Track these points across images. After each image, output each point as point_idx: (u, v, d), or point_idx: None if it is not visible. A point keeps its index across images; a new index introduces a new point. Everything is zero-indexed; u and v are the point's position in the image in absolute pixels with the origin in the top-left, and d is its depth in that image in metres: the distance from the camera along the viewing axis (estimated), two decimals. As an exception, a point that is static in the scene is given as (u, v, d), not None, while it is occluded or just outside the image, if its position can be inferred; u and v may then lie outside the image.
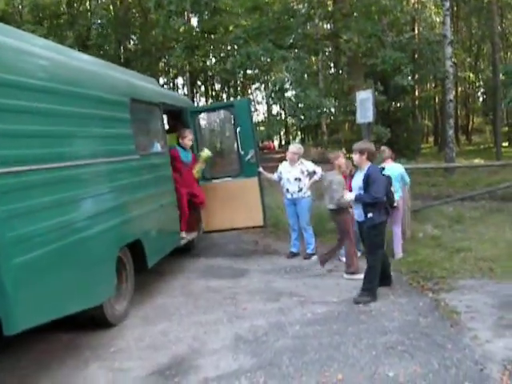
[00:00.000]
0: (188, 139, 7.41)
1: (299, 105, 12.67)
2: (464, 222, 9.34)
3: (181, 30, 16.40)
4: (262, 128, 22.67)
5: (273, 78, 13.88)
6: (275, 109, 48.85)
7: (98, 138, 4.98)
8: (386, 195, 5.55)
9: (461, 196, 10.80)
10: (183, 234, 7.50)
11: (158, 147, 6.74)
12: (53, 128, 4.18)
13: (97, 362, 4.39)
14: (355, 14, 15.01)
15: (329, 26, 18.05)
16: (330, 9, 16.88)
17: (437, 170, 14.98)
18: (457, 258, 7.01)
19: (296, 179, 7.48)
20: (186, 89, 38.22)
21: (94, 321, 5.06)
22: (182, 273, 7.20)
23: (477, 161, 21.63)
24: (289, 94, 12.75)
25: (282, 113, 35.03)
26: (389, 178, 5.75)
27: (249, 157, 7.66)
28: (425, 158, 23.62)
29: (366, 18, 13.48)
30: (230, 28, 14.85)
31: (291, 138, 60.96)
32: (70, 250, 4.18)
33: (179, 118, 7.97)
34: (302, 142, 54.18)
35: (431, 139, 43.45)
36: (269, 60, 13.12)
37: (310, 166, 7.65)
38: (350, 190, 5.99)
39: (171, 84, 42.65)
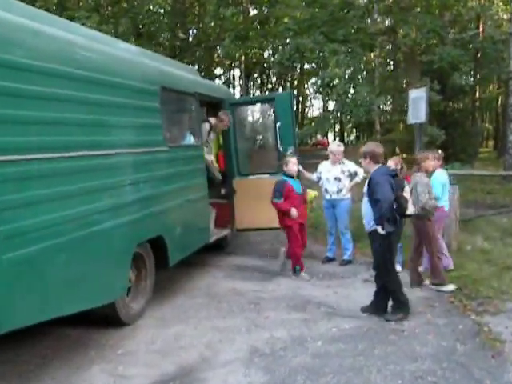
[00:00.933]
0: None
1: (347, 101, 12.14)
2: (518, 235, 8.60)
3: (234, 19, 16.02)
4: (313, 124, 22.21)
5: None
6: (331, 105, 47.89)
7: (121, 128, 4.74)
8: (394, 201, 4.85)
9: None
10: (214, 231, 7.23)
11: (190, 139, 6.45)
12: (68, 115, 3.95)
13: (101, 364, 4.15)
14: (415, 8, 14.28)
15: (387, 22, 17.29)
16: (388, 2, 16.17)
17: (493, 176, 14.07)
18: (507, 276, 6.37)
19: (336, 179, 7.04)
20: (241, 81, 38.19)
21: (106, 319, 4.84)
22: (209, 272, 6.91)
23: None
24: (339, 89, 12.22)
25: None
26: (400, 181, 5.18)
27: (288, 153, 7.26)
28: (482, 163, 22.42)
29: (425, 12, 12.75)
30: (285, 19, 14.33)
31: (346, 134, 59.95)
32: (75, 246, 3.94)
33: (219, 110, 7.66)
34: (357, 139, 53.11)
35: (491, 143, 41.50)
36: (320, 54, 12.59)
37: (351, 166, 7.18)
38: None
39: (227, 76, 42.58)
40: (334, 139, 62.08)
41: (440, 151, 7.06)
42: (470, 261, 6.96)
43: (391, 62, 28.45)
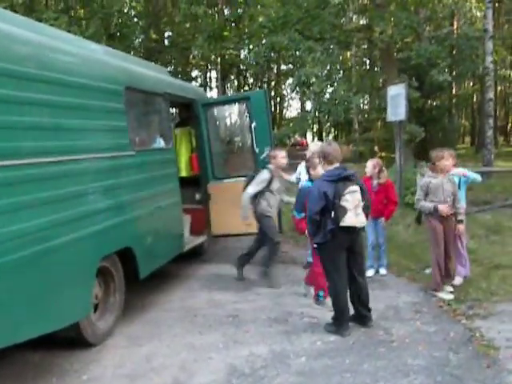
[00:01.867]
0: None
1: (325, 100, 11.86)
2: (503, 232, 8.37)
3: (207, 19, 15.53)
4: (291, 124, 21.88)
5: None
6: (309, 105, 47.67)
7: (80, 132, 4.33)
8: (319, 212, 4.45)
9: (501, 203, 9.82)
10: (189, 238, 6.87)
11: (160, 142, 6.07)
12: (16, 119, 3.54)
13: (63, 394, 3.76)
14: (391, 5, 14.09)
15: (362, 20, 17.12)
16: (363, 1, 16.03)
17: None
18: (495, 275, 6.13)
19: (315, 181, 6.71)
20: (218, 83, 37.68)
21: (71, 341, 4.44)
22: (184, 282, 6.52)
23: (517, 164, 20.35)
24: (315, 88, 11.93)
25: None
26: (345, 186, 4.50)
27: (264, 155, 6.92)
28: (461, 160, 22.26)
29: (401, 9, 12.56)
30: (259, 18, 13.98)
31: (324, 134, 59.82)
32: (26, 264, 3.53)
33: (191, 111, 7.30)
34: (335, 139, 53.04)
35: (468, 139, 41.81)
36: (296, 52, 12.28)
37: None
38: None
39: (203, 78, 42.05)
40: (313, 139, 61.99)
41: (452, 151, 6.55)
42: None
43: (368, 61, 28.38)
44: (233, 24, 15.55)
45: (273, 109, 50.24)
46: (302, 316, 5.14)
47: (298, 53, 12.29)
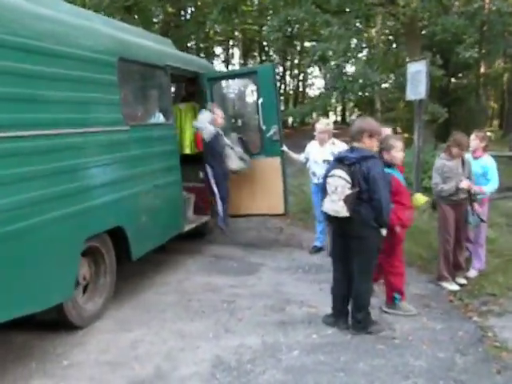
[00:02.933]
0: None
1: (341, 76, 11.35)
2: (526, 221, 7.93)
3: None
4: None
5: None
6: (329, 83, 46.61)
7: (66, 104, 4.05)
8: None
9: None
10: (192, 218, 6.62)
11: (159, 117, 5.76)
12: (4, 90, 3.30)
13: (42, 379, 3.55)
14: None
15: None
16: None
17: (500, 157, 13.32)
18: (514, 268, 5.75)
19: (325, 161, 6.33)
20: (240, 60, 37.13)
21: (55, 323, 4.23)
22: (183, 263, 6.27)
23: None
24: (332, 63, 11.44)
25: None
26: None
27: (271, 133, 6.57)
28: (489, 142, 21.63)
29: (427, -20, 11.89)
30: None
31: (348, 114, 58.84)
32: (3, 242, 3.30)
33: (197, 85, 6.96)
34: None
35: (496, 122, 40.46)
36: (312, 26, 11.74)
37: (343, 147, 6.46)
38: None
39: (225, 54, 41.46)
40: (336, 119, 61.06)
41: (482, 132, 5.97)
42: (473, 251, 6.30)
43: (392, 38, 27.44)
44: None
45: (295, 87, 49.55)
46: (301, 305, 4.85)
47: (314, 27, 11.74)
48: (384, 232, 4.08)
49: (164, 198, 5.55)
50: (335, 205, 4.04)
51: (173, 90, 8.00)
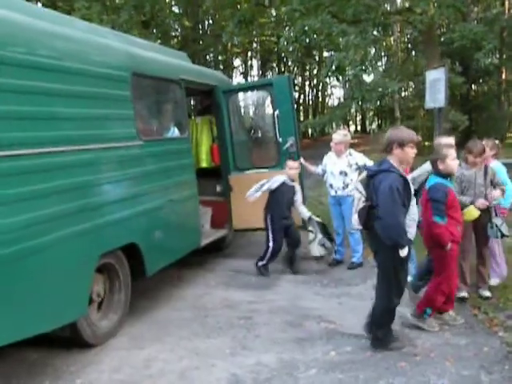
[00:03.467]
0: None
1: (359, 85, 11.25)
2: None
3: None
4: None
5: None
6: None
7: (80, 120, 4.05)
8: None
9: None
10: (209, 232, 6.57)
11: (174, 132, 5.74)
12: (15, 108, 3.37)
13: (51, 401, 3.51)
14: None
15: (400, 1, 16.22)
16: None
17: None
18: (541, 280, 5.54)
19: (341, 173, 6.25)
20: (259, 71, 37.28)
21: (69, 341, 4.19)
22: (201, 278, 6.21)
23: None
24: (349, 73, 11.35)
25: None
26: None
27: (288, 145, 6.51)
28: (509, 149, 21.22)
29: (445, -12, 11.77)
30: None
31: (367, 123, 58.53)
32: (14, 260, 3.28)
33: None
34: (379, 127, 51.69)
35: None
36: (329, 36, 11.65)
37: (359, 158, 6.37)
38: None
39: (243, 66, 41.66)
40: (356, 128, 60.69)
41: (496, 141, 5.79)
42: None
43: (410, 46, 27.26)
44: (265, 8, 15.03)
45: (315, 97, 49.50)
46: (320, 320, 4.73)
47: (330, 37, 11.67)
48: (403, 252, 3.77)
49: (180, 212, 5.51)
50: (353, 217, 4.05)
51: (190, 103, 8.03)
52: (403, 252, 3.75)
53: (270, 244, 6.24)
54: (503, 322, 4.54)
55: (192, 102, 8.09)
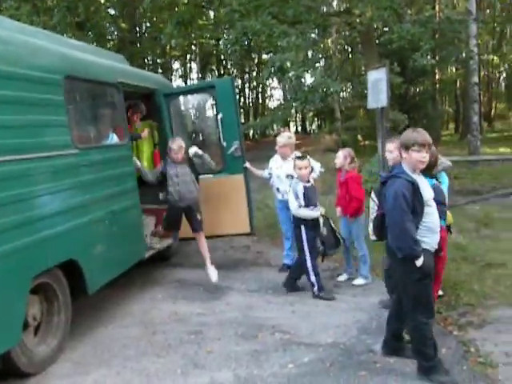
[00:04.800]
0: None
1: (301, 86, 11.24)
2: (494, 225, 7.87)
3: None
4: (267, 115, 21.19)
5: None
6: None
7: (9, 128, 3.68)
8: None
9: (492, 195, 9.28)
10: (153, 242, 6.27)
11: (113, 138, 5.40)
12: None
13: None
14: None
15: (343, 6, 16.39)
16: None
17: (461, 162, 13.45)
18: (488, 275, 5.62)
19: (288, 176, 6.10)
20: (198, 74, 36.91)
21: (3, 371, 3.80)
22: (147, 291, 5.88)
23: (502, 150, 19.97)
24: (290, 74, 11.31)
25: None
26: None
27: (232, 149, 6.31)
28: (445, 147, 21.93)
29: (381, -9, 11.95)
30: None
31: (308, 124, 59.20)
32: None
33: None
34: (319, 128, 52.43)
35: (452, 126, 41.42)
36: (269, 36, 11.55)
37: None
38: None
39: (182, 69, 41.17)
40: (296, 129, 61.29)
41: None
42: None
43: (349, 48, 27.79)
44: (203, 9, 14.81)
45: (255, 99, 49.65)
46: (274, 330, 4.55)
47: (271, 38, 11.58)
48: (419, 262, 3.43)
49: (121, 224, 5.17)
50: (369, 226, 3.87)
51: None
52: (418, 262, 3.43)
53: (307, 258, 5.42)
54: (457, 321, 4.56)
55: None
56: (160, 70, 29.08)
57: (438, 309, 4.76)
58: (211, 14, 22.92)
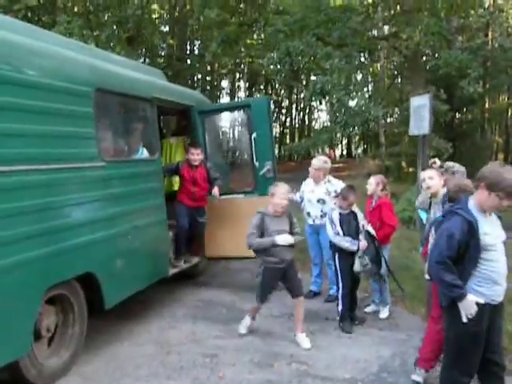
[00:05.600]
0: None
1: (342, 110, 11.09)
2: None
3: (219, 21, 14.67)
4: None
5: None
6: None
7: (36, 138, 3.73)
8: None
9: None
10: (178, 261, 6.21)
11: (142, 153, 5.40)
12: None
13: None
14: (419, 12, 13.24)
15: (388, 28, 16.23)
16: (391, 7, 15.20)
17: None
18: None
19: (319, 201, 5.94)
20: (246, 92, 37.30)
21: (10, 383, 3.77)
22: (168, 309, 5.80)
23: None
24: (333, 97, 11.18)
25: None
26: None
27: (264, 170, 6.20)
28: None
29: (430, 15, 11.72)
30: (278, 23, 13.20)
31: (353, 147, 58.70)
32: None
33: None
34: (364, 152, 51.87)
35: (501, 156, 40.15)
36: (312, 58, 11.53)
37: (339, 185, 6.06)
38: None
39: (230, 87, 41.64)
40: (341, 153, 60.79)
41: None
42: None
43: (396, 72, 27.44)
44: (248, 29, 14.96)
45: (301, 120, 49.66)
46: (291, 360, 4.37)
47: (316, 60, 11.53)
48: (463, 315, 3.09)
49: (145, 239, 5.13)
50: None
51: (166, 123, 7.74)
52: (463, 314, 3.08)
53: (340, 286, 5.22)
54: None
55: (166, 122, 7.73)
56: (208, 88, 29.53)
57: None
58: (261, 34, 23.16)
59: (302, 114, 50.00)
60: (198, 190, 6.14)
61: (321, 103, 12.56)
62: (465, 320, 3.08)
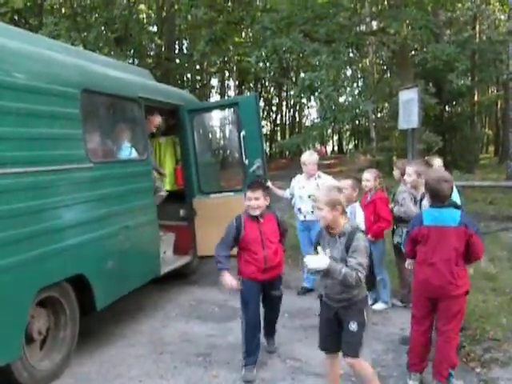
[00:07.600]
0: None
1: (331, 105, 11.08)
2: (529, 254, 7.48)
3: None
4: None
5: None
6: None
7: (21, 140, 3.69)
8: None
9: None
10: (171, 259, 6.19)
11: (131, 153, 5.38)
12: None
13: None
14: (406, 7, 13.28)
15: (375, 23, 16.27)
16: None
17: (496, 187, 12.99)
18: (518, 308, 5.29)
19: (310, 196, 5.93)
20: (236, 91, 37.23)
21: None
22: (161, 309, 5.79)
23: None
24: (322, 93, 11.17)
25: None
26: None
27: (254, 168, 6.18)
28: (483, 171, 21.31)
29: (417, 9, 11.75)
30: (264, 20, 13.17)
31: (344, 143, 58.86)
32: None
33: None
34: (356, 147, 51.98)
35: (492, 149, 40.36)
36: (301, 55, 11.52)
37: (329, 180, 6.07)
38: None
39: (219, 86, 41.55)
40: (332, 148, 60.91)
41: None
42: (473, 289, 5.77)
43: (385, 67, 27.52)
44: (236, 27, 14.91)
45: (291, 117, 49.70)
46: (285, 357, 4.38)
47: (305, 57, 11.52)
48: None
49: (136, 240, 5.10)
50: None
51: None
52: None
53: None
54: (480, 357, 4.26)
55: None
56: (197, 87, 29.44)
57: (460, 343, 4.51)
58: (249, 32, 23.12)
59: (292, 111, 50.04)
60: (270, 252, 4.16)
61: (309, 100, 12.57)
62: None
